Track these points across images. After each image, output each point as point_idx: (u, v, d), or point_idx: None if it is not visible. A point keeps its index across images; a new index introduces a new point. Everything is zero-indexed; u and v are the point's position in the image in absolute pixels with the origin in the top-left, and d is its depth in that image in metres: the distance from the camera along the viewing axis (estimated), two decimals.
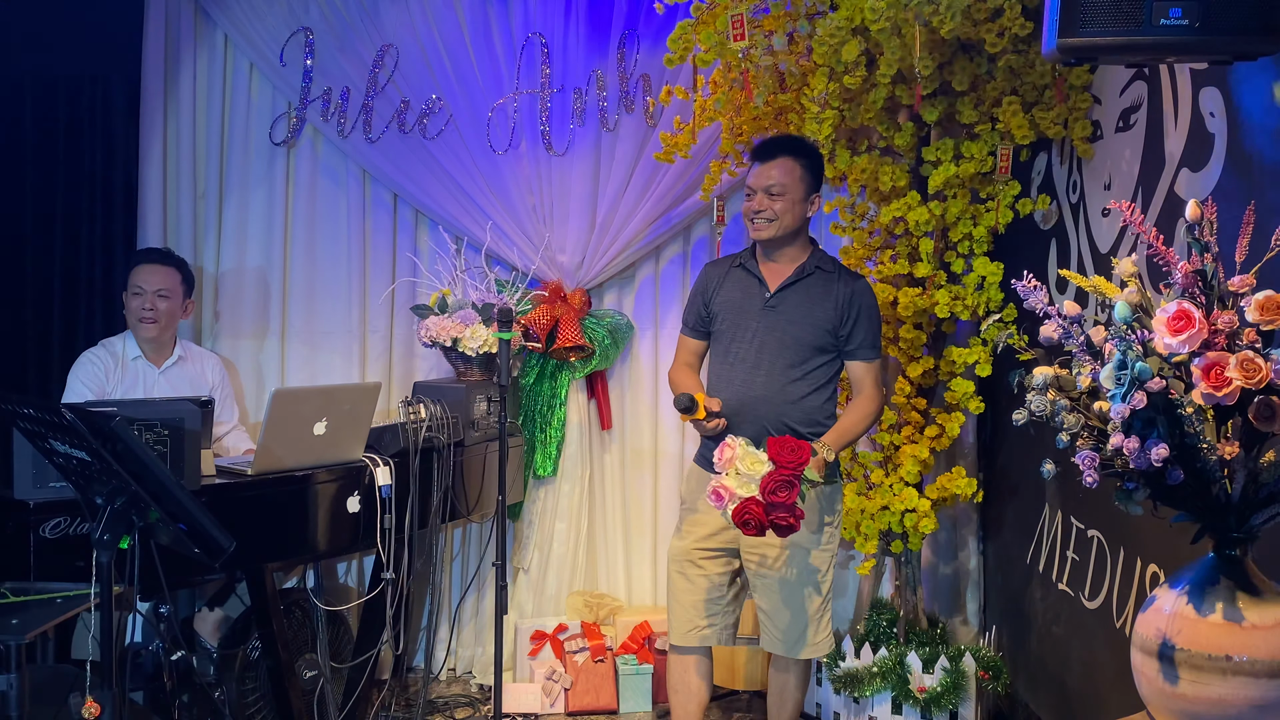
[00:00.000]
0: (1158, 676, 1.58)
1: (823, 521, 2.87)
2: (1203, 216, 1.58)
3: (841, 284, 2.88)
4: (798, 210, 2.87)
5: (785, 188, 2.83)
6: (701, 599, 2.92)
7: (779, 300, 2.87)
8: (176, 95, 3.93)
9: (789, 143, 2.94)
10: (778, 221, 2.84)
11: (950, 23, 2.95)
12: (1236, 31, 1.74)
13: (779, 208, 2.84)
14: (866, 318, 2.87)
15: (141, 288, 3.44)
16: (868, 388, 2.89)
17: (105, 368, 3.41)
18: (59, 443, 2.21)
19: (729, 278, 2.97)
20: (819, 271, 2.89)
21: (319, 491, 2.99)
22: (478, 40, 3.94)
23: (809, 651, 2.91)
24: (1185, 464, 1.54)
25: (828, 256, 2.96)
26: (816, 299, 2.86)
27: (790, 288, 2.88)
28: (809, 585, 2.87)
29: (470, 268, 3.94)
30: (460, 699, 3.82)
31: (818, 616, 2.89)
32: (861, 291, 2.89)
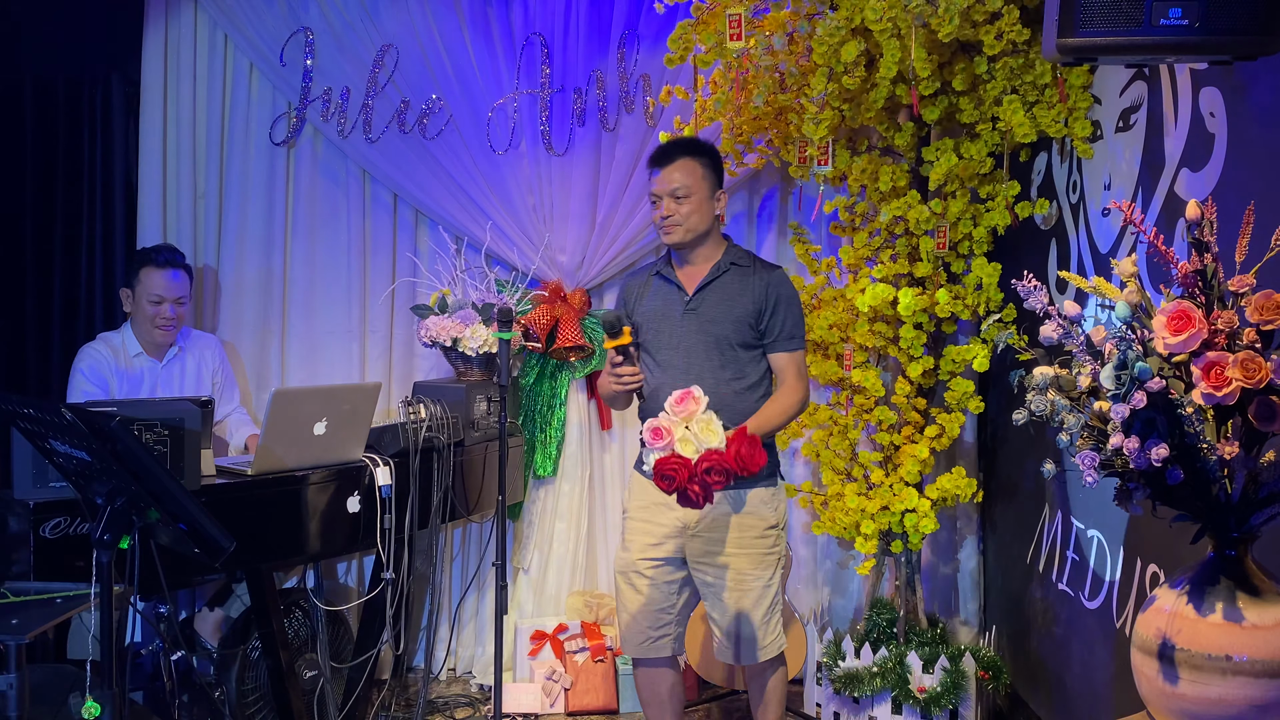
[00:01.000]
0: (1158, 676, 1.58)
1: (769, 525, 2.81)
2: (1203, 216, 1.58)
3: (757, 276, 2.81)
4: (705, 210, 2.81)
5: (689, 189, 2.78)
6: (650, 609, 2.86)
7: (698, 302, 2.82)
8: (176, 95, 3.93)
9: (686, 144, 2.88)
10: (685, 224, 2.79)
11: (949, 25, 2.95)
12: (1236, 31, 1.74)
13: (685, 210, 2.78)
14: (785, 307, 2.80)
15: (160, 296, 3.42)
16: (790, 378, 2.82)
17: (107, 363, 3.41)
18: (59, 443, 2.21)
19: (648, 288, 2.91)
20: (734, 268, 2.83)
21: (319, 491, 2.99)
22: (478, 40, 3.94)
23: (760, 655, 2.86)
24: (1185, 464, 1.54)
25: (743, 251, 2.89)
26: (734, 295, 2.80)
27: (707, 288, 2.82)
28: (756, 592, 2.81)
29: (470, 268, 3.94)
30: (460, 699, 3.82)
31: (765, 620, 2.83)
32: (778, 281, 2.82)
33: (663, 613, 2.87)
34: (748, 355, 2.80)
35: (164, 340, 3.47)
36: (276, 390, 2.87)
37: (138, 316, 3.46)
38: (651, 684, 2.94)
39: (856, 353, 3.55)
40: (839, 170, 3.47)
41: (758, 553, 2.80)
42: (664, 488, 2.32)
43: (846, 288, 3.57)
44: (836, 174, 3.50)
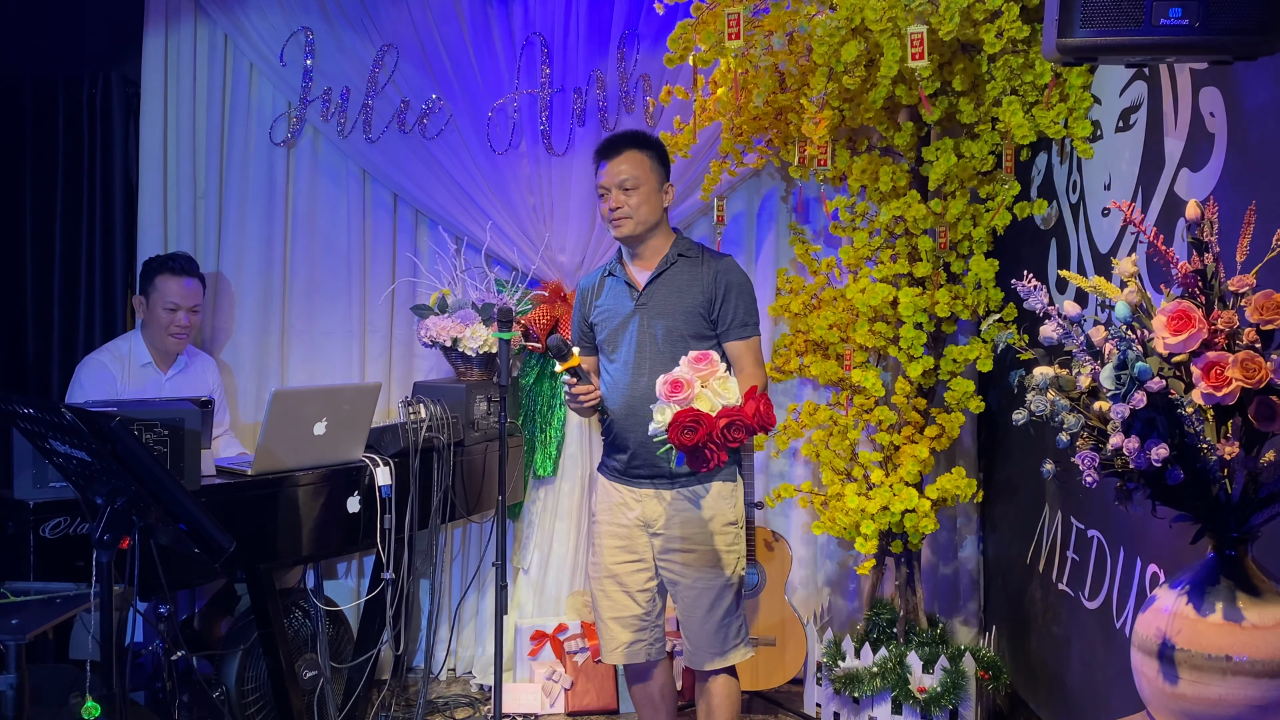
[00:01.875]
0: (1158, 676, 1.58)
1: (728, 521, 2.76)
2: (1203, 216, 1.58)
3: (705, 266, 2.78)
4: (654, 201, 2.79)
5: (638, 179, 2.76)
6: (625, 615, 2.80)
7: (648, 296, 2.79)
8: (176, 95, 3.93)
9: (632, 136, 2.84)
10: (634, 217, 2.76)
11: (949, 24, 2.95)
12: (1236, 31, 1.74)
13: (634, 202, 2.76)
14: (736, 294, 2.76)
15: (176, 304, 3.43)
16: (747, 366, 2.76)
17: (112, 374, 3.39)
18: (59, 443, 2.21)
19: (601, 287, 2.89)
20: (681, 259, 2.80)
21: (319, 491, 2.99)
22: (478, 40, 3.94)
23: (718, 661, 2.77)
24: (1185, 464, 1.54)
25: (691, 243, 2.86)
26: (683, 286, 2.77)
27: (656, 281, 2.79)
28: (716, 589, 2.74)
29: (470, 268, 3.94)
30: (460, 699, 3.82)
31: (724, 624, 2.75)
32: (726, 269, 2.78)
33: (638, 619, 2.81)
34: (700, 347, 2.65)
35: (176, 348, 3.47)
36: (276, 390, 2.87)
37: (151, 324, 3.46)
38: (642, 686, 2.91)
39: (856, 353, 3.55)
40: (839, 170, 3.47)
41: (717, 549, 2.75)
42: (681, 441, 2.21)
43: (846, 288, 3.57)
44: (836, 174, 3.50)
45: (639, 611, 2.81)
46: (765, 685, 3.66)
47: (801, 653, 3.63)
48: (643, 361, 2.75)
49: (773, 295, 3.88)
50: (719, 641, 2.75)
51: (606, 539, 2.82)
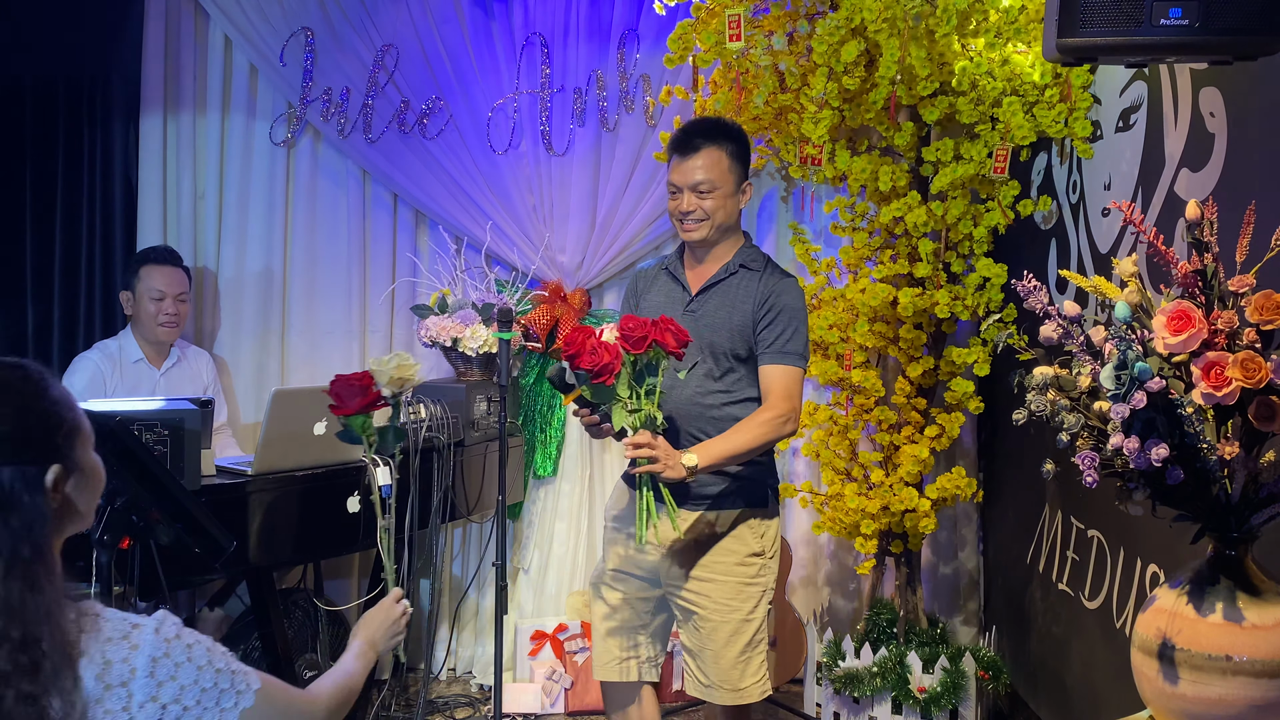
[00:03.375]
0: (1158, 676, 1.58)
1: (751, 553, 2.53)
2: (1203, 216, 1.58)
3: (764, 283, 2.54)
4: (730, 205, 2.55)
5: (714, 182, 2.50)
6: (623, 627, 2.61)
7: (699, 304, 2.56)
8: (176, 95, 3.93)
9: (712, 128, 2.57)
10: (710, 220, 2.53)
11: (945, 27, 2.95)
12: (1236, 31, 1.74)
13: (710, 205, 2.51)
14: (786, 318, 2.50)
15: (162, 291, 3.43)
16: (772, 396, 2.48)
17: (103, 373, 3.39)
18: None
19: (655, 282, 2.67)
20: (743, 270, 2.56)
21: (319, 491, 2.99)
22: (478, 40, 3.95)
23: (728, 698, 2.53)
24: (1185, 464, 1.54)
25: (758, 253, 2.62)
26: (737, 301, 2.53)
27: (711, 290, 2.57)
28: (731, 625, 2.51)
29: (470, 268, 3.94)
30: (460, 699, 3.82)
31: (743, 660, 2.51)
32: (784, 290, 2.53)
33: (635, 631, 2.62)
34: (740, 369, 2.54)
35: (167, 338, 3.47)
36: (276, 390, 2.87)
37: (139, 317, 3.46)
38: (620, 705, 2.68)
39: (856, 353, 3.54)
40: (839, 170, 3.47)
41: (736, 581, 2.52)
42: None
43: (846, 288, 3.56)
44: (836, 174, 3.50)
45: (637, 624, 2.62)
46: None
47: (801, 653, 3.63)
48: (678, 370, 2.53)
49: None
50: (735, 677, 2.52)
51: (614, 545, 2.64)
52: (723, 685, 2.53)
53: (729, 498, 2.53)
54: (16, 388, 1.29)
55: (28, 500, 1.26)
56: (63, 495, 1.31)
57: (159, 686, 1.28)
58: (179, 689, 1.29)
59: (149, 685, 1.27)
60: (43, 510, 1.27)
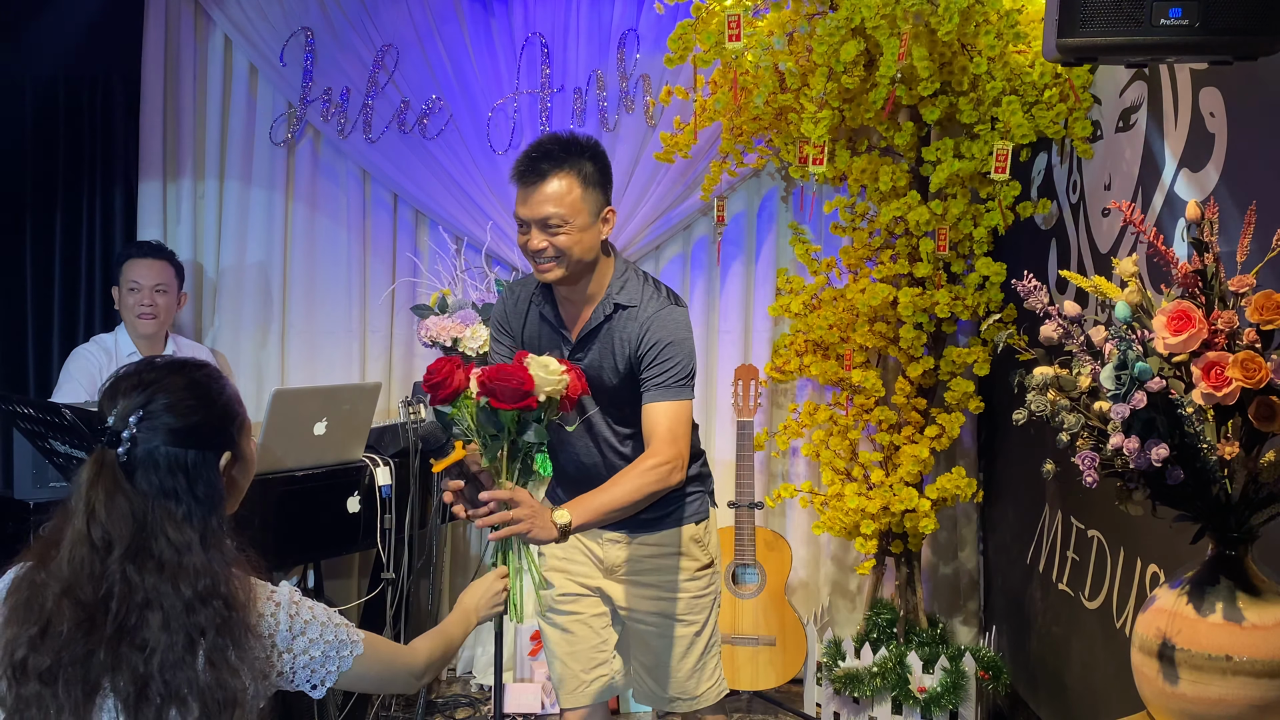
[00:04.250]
0: (1158, 676, 1.58)
1: (701, 566, 2.46)
2: (1203, 216, 1.58)
3: (642, 314, 2.27)
4: (588, 238, 2.21)
5: (564, 216, 2.17)
6: (581, 649, 2.49)
7: (584, 352, 2.31)
8: (176, 95, 3.93)
9: (559, 150, 2.20)
10: (565, 258, 2.20)
11: (948, 24, 2.95)
12: (1236, 31, 1.74)
13: (563, 242, 2.18)
14: (666, 352, 2.23)
15: (138, 283, 3.45)
16: (655, 440, 2.20)
17: (99, 364, 3.40)
18: (59, 443, 2.21)
19: (529, 317, 2.39)
20: (619, 310, 2.28)
21: (319, 491, 2.99)
22: (478, 40, 3.94)
23: (685, 706, 2.50)
24: (1185, 464, 1.54)
25: (634, 284, 2.31)
26: (618, 346, 2.28)
27: (592, 335, 2.31)
28: (686, 640, 2.45)
29: (470, 268, 3.95)
30: (460, 699, 3.82)
31: (696, 669, 2.47)
32: (658, 324, 2.25)
33: (596, 651, 2.50)
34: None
35: (146, 330, 3.47)
36: (276, 390, 2.87)
37: (123, 310, 3.49)
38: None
39: (856, 353, 3.54)
40: (839, 170, 3.47)
41: (688, 597, 2.44)
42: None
43: (846, 288, 3.56)
44: (836, 174, 3.50)
45: (595, 643, 2.50)
46: (765, 685, 3.66)
47: (801, 653, 3.63)
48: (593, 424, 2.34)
49: (773, 295, 3.88)
50: (692, 686, 2.49)
51: (555, 573, 2.49)
52: (680, 696, 2.49)
53: (670, 518, 2.43)
54: (205, 385, 1.51)
55: (211, 478, 1.47)
56: (229, 477, 1.53)
57: (294, 638, 1.52)
58: (308, 641, 1.53)
59: (287, 637, 1.51)
60: (219, 488, 1.49)
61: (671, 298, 2.34)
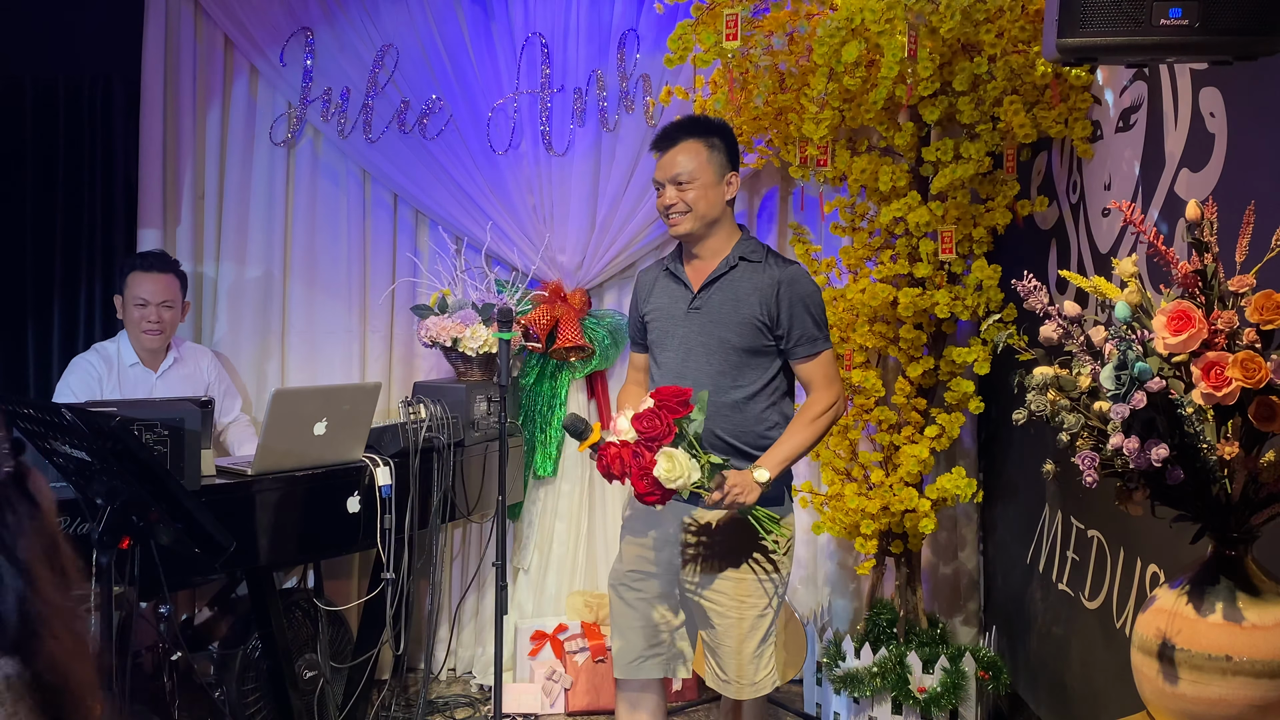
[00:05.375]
0: (1158, 676, 1.58)
1: (767, 549, 2.56)
2: (1203, 216, 1.58)
3: (767, 274, 2.54)
4: (713, 196, 2.56)
5: (693, 174, 2.54)
6: (644, 626, 2.65)
7: (703, 301, 2.58)
8: (176, 95, 3.93)
9: (689, 124, 2.63)
10: (693, 213, 2.55)
11: (950, 22, 2.95)
12: (1236, 31, 1.74)
13: (691, 197, 2.54)
14: (802, 307, 2.53)
15: (145, 299, 3.41)
16: (816, 386, 2.55)
17: (98, 374, 3.38)
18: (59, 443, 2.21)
19: (657, 284, 2.70)
20: (743, 263, 2.57)
21: (319, 491, 2.99)
22: (478, 40, 3.95)
23: (746, 692, 2.59)
24: (1185, 464, 1.54)
25: (757, 244, 2.63)
26: (743, 295, 2.54)
27: (713, 285, 2.58)
28: (749, 621, 2.56)
29: (470, 268, 3.95)
30: (460, 699, 3.82)
31: (756, 655, 2.57)
32: (792, 279, 2.54)
33: (657, 629, 2.66)
34: (753, 362, 2.55)
35: (151, 345, 3.45)
36: (276, 390, 2.87)
37: (127, 323, 3.45)
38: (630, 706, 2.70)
39: (856, 353, 3.54)
40: (839, 170, 3.47)
41: (753, 578, 2.56)
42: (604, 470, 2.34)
43: (846, 288, 3.57)
44: (836, 174, 3.50)
45: (658, 622, 2.66)
46: None
47: (801, 653, 3.63)
48: (687, 371, 2.56)
49: None
50: (751, 672, 2.58)
51: (631, 545, 2.68)
52: (739, 680, 2.59)
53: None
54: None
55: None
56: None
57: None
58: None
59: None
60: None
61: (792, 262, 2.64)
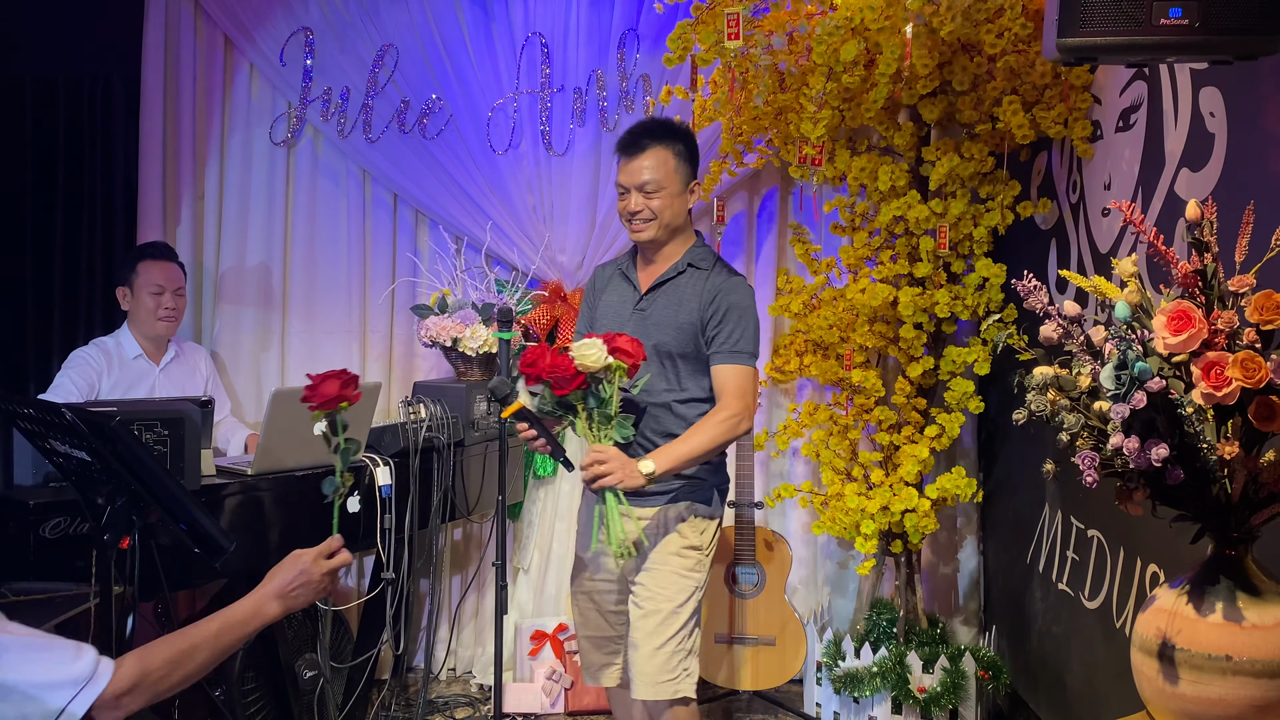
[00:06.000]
0: (1158, 676, 1.58)
1: (689, 545, 2.56)
2: (1203, 216, 1.58)
3: (710, 281, 2.56)
4: (678, 205, 2.57)
5: (660, 182, 2.53)
6: (596, 635, 2.69)
7: (648, 303, 2.60)
8: (176, 95, 3.93)
9: (657, 129, 2.58)
10: (657, 220, 2.55)
11: (950, 23, 2.95)
12: (1236, 31, 1.74)
13: (657, 205, 2.54)
14: (735, 315, 2.53)
15: (161, 286, 3.43)
16: (725, 395, 2.51)
17: (98, 368, 3.39)
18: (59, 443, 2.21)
19: (611, 282, 2.71)
20: (690, 269, 2.59)
21: (319, 491, 2.98)
22: (478, 40, 3.94)
23: (644, 689, 2.50)
24: (1185, 464, 1.54)
25: (707, 252, 2.64)
26: (684, 300, 2.56)
27: (659, 289, 2.60)
28: (660, 615, 2.51)
29: (470, 268, 3.95)
30: (460, 699, 3.82)
31: (662, 651, 2.49)
32: (730, 289, 2.54)
33: (608, 641, 2.68)
34: (691, 369, 2.57)
35: (166, 332, 3.47)
36: (276, 390, 2.87)
37: (138, 312, 3.46)
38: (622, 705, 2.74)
39: (856, 353, 3.55)
40: (839, 170, 3.47)
41: (670, 570, 2.54)
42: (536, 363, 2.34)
43: (846, 288, 3.56)
44: (836, 174, 3.50)
45: (611, 634, 2.68)
46: (765, 685, 3.66)
47: (801, 653, 3.63)
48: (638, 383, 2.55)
49: (773, 295, 3.88)
50: (650, 669, 2.50)
51: (579, 557, 2.73)
52: (640, 677, 2.51)
53: (677, 495, 2.58)
54: None
55: None
56: None
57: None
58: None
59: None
60: None
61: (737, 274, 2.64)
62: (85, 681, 1.46)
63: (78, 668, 1.46)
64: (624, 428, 2.38)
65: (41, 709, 1.41)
